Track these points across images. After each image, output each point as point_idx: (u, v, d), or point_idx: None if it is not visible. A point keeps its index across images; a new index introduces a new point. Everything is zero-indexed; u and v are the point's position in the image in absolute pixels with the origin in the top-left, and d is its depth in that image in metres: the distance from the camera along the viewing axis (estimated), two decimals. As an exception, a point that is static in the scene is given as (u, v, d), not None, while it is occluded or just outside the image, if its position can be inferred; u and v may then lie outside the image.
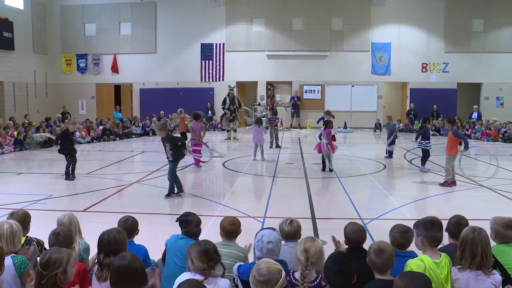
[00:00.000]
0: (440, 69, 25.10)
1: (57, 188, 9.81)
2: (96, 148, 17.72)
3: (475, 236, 3.37)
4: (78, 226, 4.29)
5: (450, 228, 4.06)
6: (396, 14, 24.88)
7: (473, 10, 24.56)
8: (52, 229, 3.89)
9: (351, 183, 10.53)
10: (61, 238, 3.74)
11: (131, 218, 4.40)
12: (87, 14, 26.25)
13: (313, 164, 13.05)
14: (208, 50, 25.92)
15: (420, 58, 25.11)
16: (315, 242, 3.33)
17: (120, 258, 3.11)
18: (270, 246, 3.71)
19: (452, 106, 24.63)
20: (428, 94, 24.81)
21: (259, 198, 8.97)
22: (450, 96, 24.91)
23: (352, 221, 4.08)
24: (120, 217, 4.43)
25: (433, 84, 25.08)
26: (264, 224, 7.02)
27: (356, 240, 3.86)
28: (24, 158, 15.03)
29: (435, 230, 3.56)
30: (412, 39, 25.00)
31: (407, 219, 6.98)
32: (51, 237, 3.79)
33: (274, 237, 3.79)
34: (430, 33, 24.96)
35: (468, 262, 3.36)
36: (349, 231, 3.90)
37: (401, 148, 16.51)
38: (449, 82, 24.96)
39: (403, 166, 13.38)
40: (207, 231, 6.48)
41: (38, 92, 24.72)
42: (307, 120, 24.61)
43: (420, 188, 10.22)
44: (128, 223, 4.31)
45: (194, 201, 8.90)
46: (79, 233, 4.29)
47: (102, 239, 3.64)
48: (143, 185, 10.20)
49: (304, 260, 3.21)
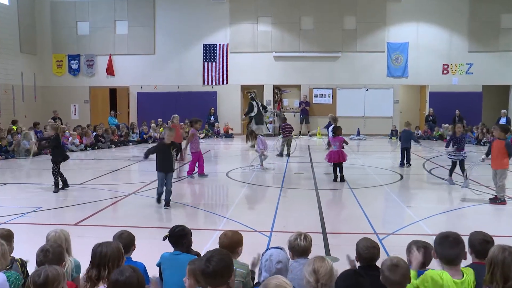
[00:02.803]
0: (463, 70, 25.02)
1: (46, 200, 9.83)
2: (89, 156, 17.78)
3: (506, 257, 3.26)
4: (68, 242, 4.28)
5: (475, 246, 3.91)
6: (414, 11, 24.88)
7: (501, 4, 24.37)
8: (40, 245, 3.87)
9: (365, 194, 10.49)
10: (50, 255, 3.71)
11: (127, 233, 4.40)
12: (79, 11, 26.43)
13: (323, 174, 13.03)
14: (211, 51, 26.02)
15: (441, 59, 25.07)
16: (325, 262, 3.31)
17: (118, 272, 3.12)
18: (279, 266, 3.73)
19: (477, 111, 24.46)
20: (449, 98, 24.71)
21: (266, 211, 8.95)
22: (474, 100, 24.76)
23: (365, 237, 4.07)
24: (115, 231, 4.43)
25: (455, 87, 25.00)
26: (271, 238, 7.01)
27: (367, 257, 3.85)
28: (10, 167, 15.09)
29: (447, 247, 3.50)
30: (432, 38, 24.98)
31: (427, 234, 6.93)
32: (39, 254, 3.76)
33: (283, 256, 3.81)
34: (453, 31, 24.90)
35: (500, 286, 3.25)
36: (361, 247, 3.89)
37: (419, 157, 16.45)
38: (473, 85, 24.84)
39: (422, 176, 13.33)
40: (209, 246, 6.49)
41: (26, 95, 24.82)
42: (317, 126, 24.62)
43: (442, 200, 10.16)
44: (123, 237, 4.30)
45: (195, 213, 8.90)
46: (69, 251, 4.28)
47: (95, 252, 3.64)
48: (140, 197, 10.21)
49: (314, 281, 3.19)
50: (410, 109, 26.86)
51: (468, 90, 24.82)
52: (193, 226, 7.22)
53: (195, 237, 4.63)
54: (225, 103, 25.98)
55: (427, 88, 25.67)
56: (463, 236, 3.66)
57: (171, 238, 4.39)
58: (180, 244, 4.35)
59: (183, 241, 4.36)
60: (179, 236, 4.37)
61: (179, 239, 4.36)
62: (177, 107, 25.30)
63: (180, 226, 4.49)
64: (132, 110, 26.72)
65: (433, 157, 16.22)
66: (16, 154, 16.76)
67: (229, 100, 25.98)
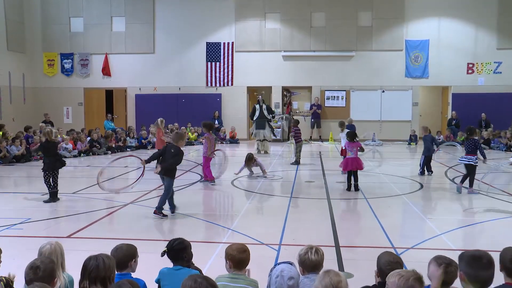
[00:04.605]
0: (490, 69, 24.93)
1: (36, 210, 9.85)
2: (84, 163, 17.85)
3: None
4: (63, 256, 4.26)
5: (506, 265, 3.77)
6: (435, 5, 24.88)
7: (535, -5, 24.28)
8: (29, 260, 3.83)
9: (382, 205, 10.45)
10: (40, 272, 3.65)
11: (126, 246, 4.34)
12: (73, 6, 26.62)
13: (336, 182, 13.02)
14: (215, 50, 26.10)
15: (465, 57, 25.01)
16: (341, 276, 3.31)
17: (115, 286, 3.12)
18: (291, 283, 3.75)
19: (506, 114, 24.23)
20: (474, 100, 24.63)
21: (274, 222, 8.93)
22: (503, 102, 24.66)
23: (388, 251, 4.06)
24: (111, 243, 4.42)
25: (481, 88, 24.93)
26: (280, 252, 7.00)
27: (389, 273, 3.82)
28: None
29: (481, 268, 3.43)
30: (455, 35, 24.95)
31: (450, 249, 6.90)
32: (28, 271, 3.68)
33: (295, 272, 3.83)
34: (479, 26, 24.81)
35: None
36: (383, 262, 3.87)
37: (441, 165, 16.39)
38: (502, 85, 24.74)
39: (444, 185, 13.27)
40: (212, 261, 6.49)
41: (14, 97, 24.97)
42: (329, 131, 24.60)
43: (466, 212, 10.11)
44: (123, 251, 4.25)
45: (197, 225, 8.89)
46: (62, 266, 4.25)
47: (87, 264, 3.64)
48: (139, 207, 10.22)
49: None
50: (430, 113, 26.82)
51: (496, 91, 24.73)
52: (195, 238, 7.24)
53: (197, 251, 4.63)
54: (230, 106, 26.04)
55: (449, 90, 25.61)
56: (491, 252, 3.62)
57: (170, 252, 4.40)
58: (180, 258, 4.37)
59: (183, 255, 4.38)
60: (178, 250, 4.38)
61: (179, 253, 4.38)
62: (179, 110, 25.46)
63: (178, 239, 4.50)
64: (130, 114, 26.85)
65: (456, 165, 16.14)
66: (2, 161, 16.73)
67: (235, 103, 26.04)
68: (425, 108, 26.76)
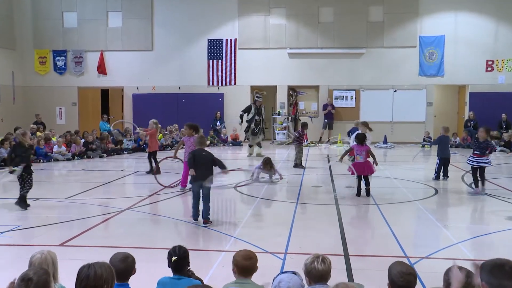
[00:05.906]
0: (511, 67, 24.87)
1: (26, 217, 9.86)
2: (77, 167, 17.87)
3: None
4: (56, 266, 4.26)
5: None
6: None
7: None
8: (20, 271, 3.80)
9: (394, 211, 10.45)
10: (32, 285, 3.55)
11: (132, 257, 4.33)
12: (66, 0, 26.77)
13: (345, 187, 13.01)
14: (217, 48, 26.15)
15: (484, 54, 24.98)
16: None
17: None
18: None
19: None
20: (494, 100, 24.58)
21: (279, 230, 8.93)
22: (525, 102, 24.59)
23: (400, 261, 4.05)
24: (106, 252, 4.43)
25: (501, 87, 24.90)
26: (285, 261, 7.00)
27: (402, 285, 3.81)
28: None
29: (505, 278, 3.44)
30: (473, 30, 24.93)
31: (467, 259, 6.88)
32: (19, 284, 3.59)
33: (295, 282, 3.80)
34: (500, 20, 24.79)
35: None
36: (395, 272, 3.86)
37: (458, 169, 16.35)
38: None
39: (460, 190, 13.23)
40: (214, 270, 6.49)
41: (3, 96, 25.07)
42: (337, 133, 24.57)
43: (485, 219, 10.09)
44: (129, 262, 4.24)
45: (199, 232, 8.89)
46: (54, 277, 4.24)
47: (80, 273, 3.64)
48: (136, 213, 10.24)
49: None
50: (446, 113, 26.78)
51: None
52: (196, 246, 7.25)
53: (198, 260, 4.64)
54: (233, 106, 25.99)
55: (466, 88, 25.59)
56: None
57: (179, 261, 4.43)
58: (185, 265, 4.45)
59: (187, 262, 4.47)
60: (184, 257, 4.46)
61: (184, 261, 4.45)
62: (179, 111, 25.50)
63: (180, 246, 4.55)
64: (126, 114, 26.87)
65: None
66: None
67: (237, 103, 25.91)
68: (440, 108, 26.72)
